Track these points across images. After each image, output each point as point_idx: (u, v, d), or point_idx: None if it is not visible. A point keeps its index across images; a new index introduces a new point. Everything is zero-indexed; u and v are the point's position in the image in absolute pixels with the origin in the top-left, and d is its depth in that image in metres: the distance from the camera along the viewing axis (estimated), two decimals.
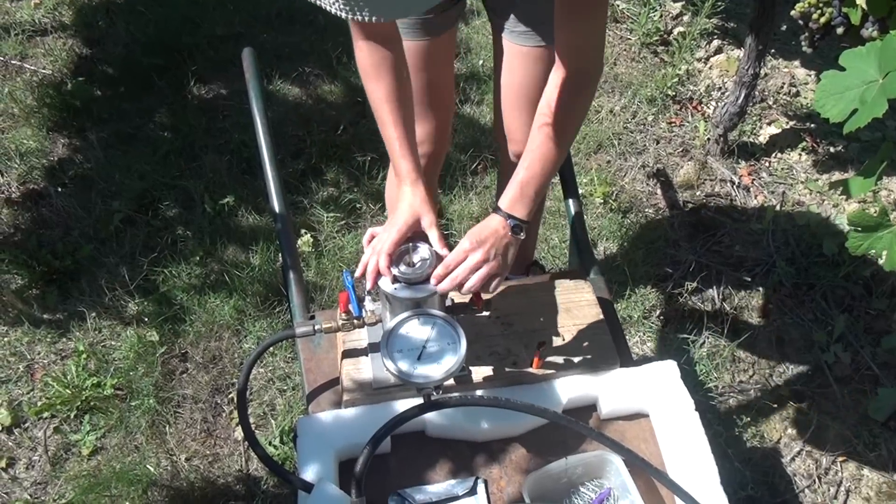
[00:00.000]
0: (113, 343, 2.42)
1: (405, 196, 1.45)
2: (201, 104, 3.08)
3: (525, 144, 1.44)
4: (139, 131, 2.98)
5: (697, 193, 2.88)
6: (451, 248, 1.38)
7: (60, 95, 3.04)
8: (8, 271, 2.55)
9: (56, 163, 2.89)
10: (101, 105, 3.06)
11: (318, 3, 0.93)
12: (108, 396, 2.28)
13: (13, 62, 3.21)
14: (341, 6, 0.90)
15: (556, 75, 1.39)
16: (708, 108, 3.16)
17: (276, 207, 1.87)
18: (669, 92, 3.18)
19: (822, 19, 2.07)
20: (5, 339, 2.43)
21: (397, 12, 0.96)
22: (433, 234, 1.40)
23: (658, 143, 3.06)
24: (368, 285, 1.38)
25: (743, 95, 2.75)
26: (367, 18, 0.91)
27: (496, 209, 1.41)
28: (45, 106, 3.04)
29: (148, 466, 2.16)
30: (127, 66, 3.17)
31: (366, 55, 1.43)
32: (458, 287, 1.35)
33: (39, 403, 2.27)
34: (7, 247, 2.61)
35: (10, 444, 2.23)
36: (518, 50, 1.78)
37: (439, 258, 1.38)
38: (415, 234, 1.44)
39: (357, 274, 1.40)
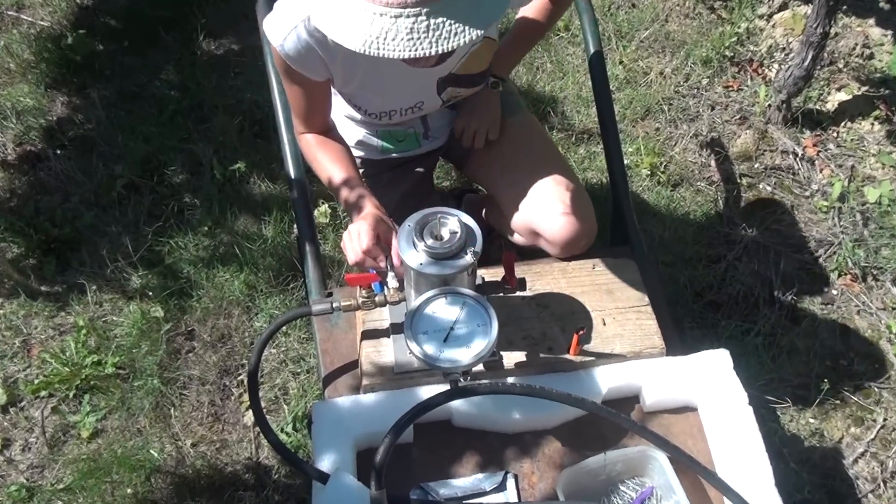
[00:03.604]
0: (115, 318, 2.45)
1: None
2: (211, 60, 3.09)
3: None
4: (144, 89, 2.99)
5: (756, 166, 2.84)
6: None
7: (60, 49, 3.06)
8: (3, 240, 2.59)
9: (55, 123, 2.91)
10: (103, 60, 3.07)
11: (382, 53, 1.20)
12: (110, 375, 2.32)
13: (9, 13, 3.23)
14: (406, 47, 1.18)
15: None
16: (770, 70, 3.10)
17: (292, 174, 1.87)
18: (727, 52, 3.12)
19: None
20: (0, 311, 2.47)
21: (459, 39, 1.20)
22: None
23: (713, 109, 3.01)
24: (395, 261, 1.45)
25: (810, 57, 2.70)
26: (429, 53, 1.18)
27: None
28: (43, 61, 3.06)
29: (151, 451, 2.19)
30: (131, 18, 3.18)
31: (311, 138, 1.70)
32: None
33: (36, 381, 2.32)
34: (2, 213, 2.64)
35: (6, 423, 2.28)
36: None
37: (470, 231, 1.38)
38: (443, 205, 1.45)
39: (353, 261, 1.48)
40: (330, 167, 1.64)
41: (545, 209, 1.75)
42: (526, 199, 1.79)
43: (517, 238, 1.91)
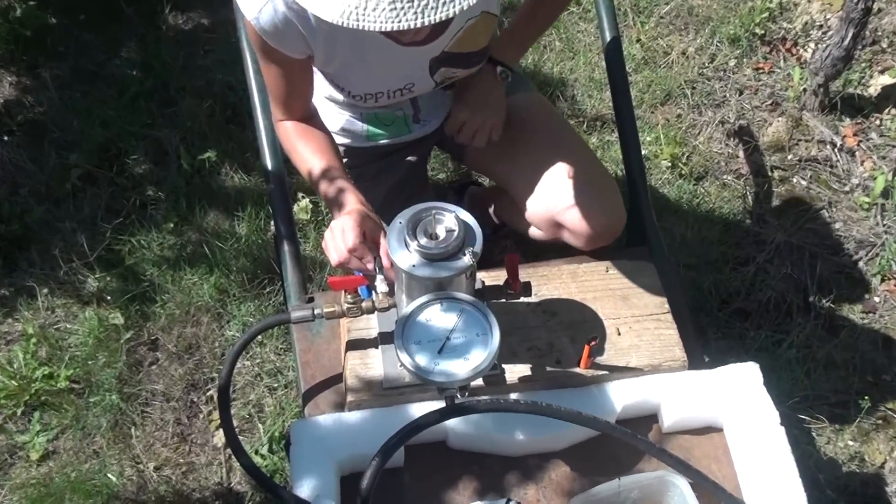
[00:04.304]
0: (68, 326, 2.44)
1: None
2: (178, 36, 3.08)
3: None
4: (102, 69, 2.99)
5: (789, 157, 2.85)
6: None
7: (7, 23, 3.06)
8: None
9: (1, 106, 2.91)
10: (56, 36, 3.07)
11: (360, 25, 1.16)
12: (63, 390, 2.31)
13: None
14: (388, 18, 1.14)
15: None
16: (805, 50, 3.11)
17: (269, 164, 1.87)
18: (757, 30, 3.13)
19: None
20: None
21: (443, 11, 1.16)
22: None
23: (741, 93, 3.02)
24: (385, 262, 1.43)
25: (850, 35, 2.70)
26: (414, 24, 1.14)
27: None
28: None
29: (109, 476, 2.19)
30: None
31: (290, 126, 1.69)
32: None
33: None
34: None
35: None
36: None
37: (469, 229, 1.38)
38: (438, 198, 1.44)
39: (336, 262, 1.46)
40: (311, 158, 1.63)
41: (568, 195, 1.74)
42: (543, 186, 1.79)
43: (535, 233, 1.91)
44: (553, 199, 1.77)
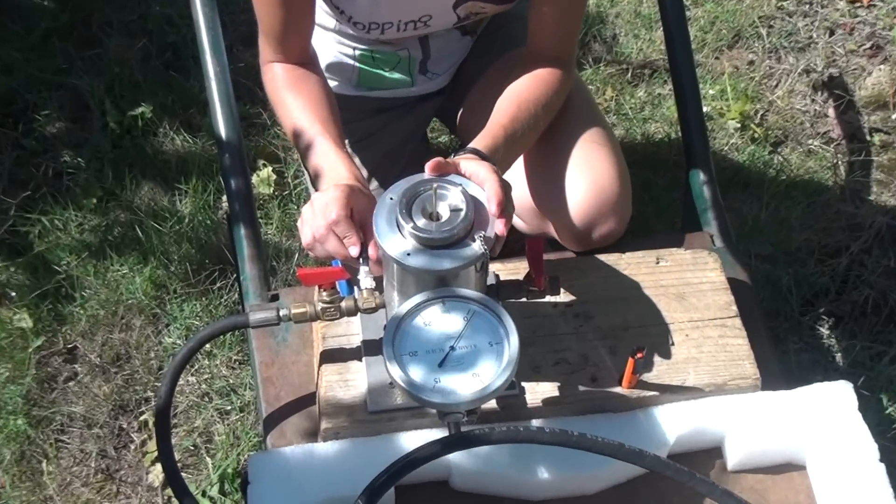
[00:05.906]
0: None
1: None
2: None
3: None
4: None
5: (893, 117, 2.85)
6: None
7: None
8: None
9: None
10: None
11: None
12: None
13: None
14: None
15: (530, 72, 1.70)
16: None
17: (221, 123, 1.87)
18: None
19: None
20: None
21: None
22: None
23: (832, 34, 3.02)
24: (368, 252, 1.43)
25: None
26: None
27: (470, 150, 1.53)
28: None
29: None
30: None
31: (280, 71, 1.70)
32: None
33: None
34: None
35: None
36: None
37: (479, 208, 1.38)
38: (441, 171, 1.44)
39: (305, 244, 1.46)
40: (300, 114, 1.63)
41: (551, 179, 1.75)
42: (528, 166, 1.79)
43: (518, 223, 1.89)
44: (534, 182, 1.76)
